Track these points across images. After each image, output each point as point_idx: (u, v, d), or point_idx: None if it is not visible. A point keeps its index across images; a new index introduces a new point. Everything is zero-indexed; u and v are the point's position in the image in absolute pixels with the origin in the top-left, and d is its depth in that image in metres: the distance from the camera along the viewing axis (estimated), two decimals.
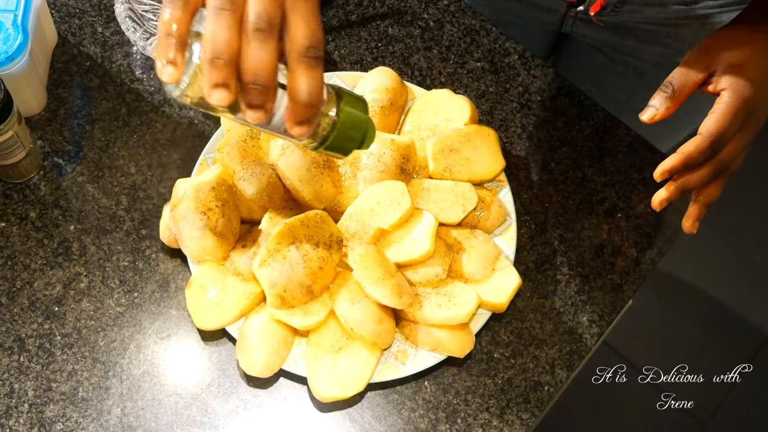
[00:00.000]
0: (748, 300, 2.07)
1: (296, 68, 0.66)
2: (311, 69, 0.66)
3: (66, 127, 1.03)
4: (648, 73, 1.18)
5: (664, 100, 0.85)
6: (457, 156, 1.00)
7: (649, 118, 0.85)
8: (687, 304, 2.06)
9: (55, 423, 0.91)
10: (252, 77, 0.64)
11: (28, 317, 0.95)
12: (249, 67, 0.64)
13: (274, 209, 0.96)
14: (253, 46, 0.64)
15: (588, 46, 1.21)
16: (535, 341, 0.98)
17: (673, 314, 2.05)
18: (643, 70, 1.18)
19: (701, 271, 2.08)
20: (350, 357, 0.92)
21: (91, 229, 0.99)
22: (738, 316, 2.05)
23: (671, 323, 2.04)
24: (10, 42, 0.92)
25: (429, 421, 0.94)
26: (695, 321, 2.04)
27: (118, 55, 1.06)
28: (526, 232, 1.02)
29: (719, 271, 2.08)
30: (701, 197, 0.88)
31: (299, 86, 0.66)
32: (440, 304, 0.93)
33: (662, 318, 2.03)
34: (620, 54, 1.19)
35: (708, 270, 2.08)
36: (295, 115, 0.68)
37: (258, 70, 0.64)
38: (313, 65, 0.67)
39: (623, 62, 1.19)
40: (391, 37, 1.10)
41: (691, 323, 2.04)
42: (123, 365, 0.94)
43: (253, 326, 0.91)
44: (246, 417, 0.93)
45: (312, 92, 0.67)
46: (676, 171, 0.84)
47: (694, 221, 0.89)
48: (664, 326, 2.03)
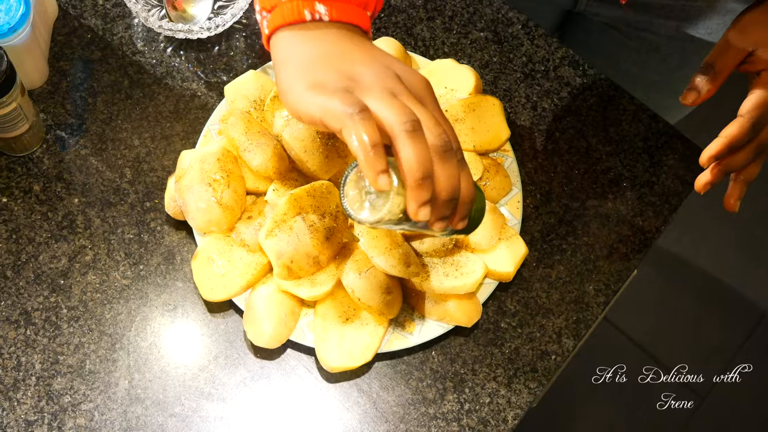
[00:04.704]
0: (746, 274, 2.07)
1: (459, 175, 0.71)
2: (466, 168, 0.71)
3: (68, 100, 1.02)
4: (662, 47, 1.17)
5: (705, 82, 0.84)
6: (462, 125, 0.99)
7: (691, 101, 0.85)
8: (686, 279, 2.06)
9: (62, 396, 0.91)
10: (450, 194, 0.69)
11: (33, 290, 0.94)
12: (447, 187, 0.69)
13: (280, 180, 0.95)
14: (446, 167, 0.68)
15: (601, 23, 1.20)
16: (541, 311, 0.98)
17: (673, 289, 2.05)
18: (657, 44, 1.17)
19: (700, 245, 2.08)
20: (358, 327, 0.92)
21: (95, 202, 0.98)
22: (737, 290, 2.06)
23: (671, 298, 2.04)
24: (12, 13, 0.91)
25: (437, 390, 0.94)
26: (694, 296, 2.05)
27: (120, 27, 1.06)
28: (531, 202, 1.02)
29: (718, 245, 2.08)
30: (741, 176, 0.88)
31: (463, 188, 0.71)
32: (447, 274, 0.93)
33: (662, 293, 2.04)
34: (634, 29, 1.17)
35: (707, 245, 2.08)
36: (461, 213, 0.72)
37: (454, 188, 0.69)
38: (465, 165, 0.71)
39: (637, 37, 1.18)
40: (394, 8, 1.09)
41: (690, 298, 2.04)
42: (130, 338, 0.93)
43: (260, 297, 0.91)
44: (254, 388, 0.93)
45: (471, 189, 0.72)
46: (721, 155, 0.84)
47: (736, 200, 0.89)
48: (663, 301, 2.03)
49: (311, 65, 0.71)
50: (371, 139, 0.66)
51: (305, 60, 0.71)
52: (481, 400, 0.94)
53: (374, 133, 0.67)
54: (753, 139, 0.84)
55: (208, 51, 1.05)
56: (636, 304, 1.98)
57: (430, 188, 0.68)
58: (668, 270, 2.06)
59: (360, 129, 0.66)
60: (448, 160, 0.68)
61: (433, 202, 0.69)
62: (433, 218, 0.70)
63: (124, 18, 1.06)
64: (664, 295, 2.04)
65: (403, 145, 0.67)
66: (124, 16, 1.06)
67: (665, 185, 1.04)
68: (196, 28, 1.00)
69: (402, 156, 0.67)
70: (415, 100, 0.69)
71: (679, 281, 2.06)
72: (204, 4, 1.04)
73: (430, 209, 0.68)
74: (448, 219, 0.71)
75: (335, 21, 0.72)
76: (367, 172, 0.67)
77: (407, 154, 0.67)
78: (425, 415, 0.93)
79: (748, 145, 0.85)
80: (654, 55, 1.18)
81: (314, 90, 0.69)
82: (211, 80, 1.04)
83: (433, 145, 0.68)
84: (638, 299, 1.98)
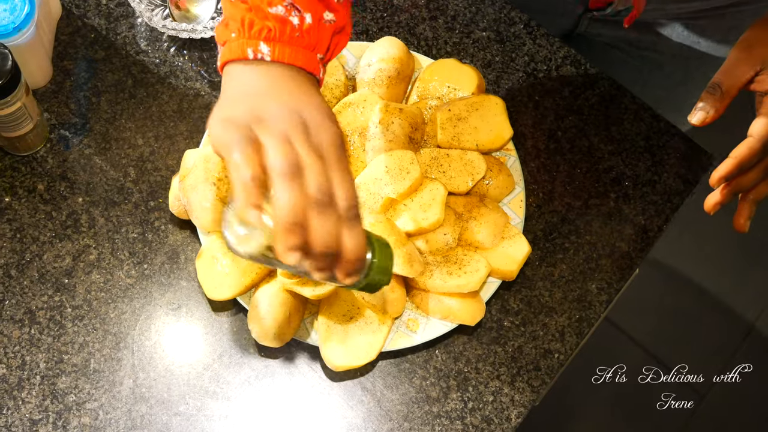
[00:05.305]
0: (746, 274, 2.08)
1: (342, 230, 0.70)
2: (354, 228, 0.71)
3: (72, 100, 1.02)
4: (666, 64, 1.17)
5: (712, 102, 0.84)
6: (465, 125, 1.00)
7: (699, 121, 0.85)
8: (687, 279, 2.07)
9: (67, 395, 0.91)
10: (324, 248, 0.69)
11: (38, 290, 0.94)
12: (320, 239, 0.69)
13: None
14: (322, 220, 0.68)
15: (603, 44, 1.19)
16: (544, 309, 0.98)
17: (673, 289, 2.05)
18: (661, 62, 1.17)
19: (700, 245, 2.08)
20: (362, 326, 0.92)
21: (99, 201, 0.98)
22: (737, 290, 2.06)
23: (671, 298, 2.04)
24: (17, 12, 0.91)
25: (440, 389, 0.94)
26: (695, 296, 2.05)
27: (123, 26, 1.06)
28: (533, 201, 1.03)
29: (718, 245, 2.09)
30: (751, 195, 0.87)
31: (347, 246, 0.70)
32: (451, 272, 0.93)
33: (662, 292, 2.04)
34: (637, 48, 1.17)
35: (707, 244, 2.08)
36: (346, 269, 0.72)
37: (329, 242, 0.69)
38: (356, 224, 0.71)
39: (640, 57, 1.18)
40: (397, 7, 1.10)
41: (690, 298, 2.05)
42: (134, 336, 0.94)
43: (265, 296, 0.91)
44: (258, 387, 0.93)
45: (358, 249, 0.71)
46: (731, 176, 0.84)
47: (746, 220, 0.88)
48: (663, 301, 2.03)
49: (236, 100, 0.72)
50: (250, 172, 0.67)
51: (235, 94, 0.73)
52: (484, 399, 0.94)
53: (254, 167, 0.68)
54: (762, 159, 0.84)
55: (212, 50, 1.05)
56: (636, 303, 1.99)
57: (300, 235, 0.68)
58: (668, 269, 2.07)
59: (242, 161, 0.68)
60: (324, 213, 0.69)
61: (309, 253, 0.69)
62: (311, 268, 0.71)
63: (127, 17, 1.06)
64: (664, 294, 2.04)
65: (277, 188, 0.68)
66: (128, 15, 1.06)
67: (667, 184, 1.05)
68: (200, 28, 1.01)
69: (274, 198, 0.68)
70: (311, 151, 0.70)
71: (680, 281, 2.06)
72: (207, 3, 1.04)
73: (300, 257, 0.69)
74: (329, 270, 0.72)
75: (278, 61, 0.73)
76: (239, 203, 0.68)
77: (278, 197, 0.68)
78: (429, 413, 0.93)
79: (757, 165, 0.84)
80: (658, 73, 1.18)
81: (223, 122, 0.70)
82: (214, 79, 1.04)
83: (310, 196, 0.68)
84: (638, 299, 1.98)
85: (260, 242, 0.71)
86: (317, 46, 0.75)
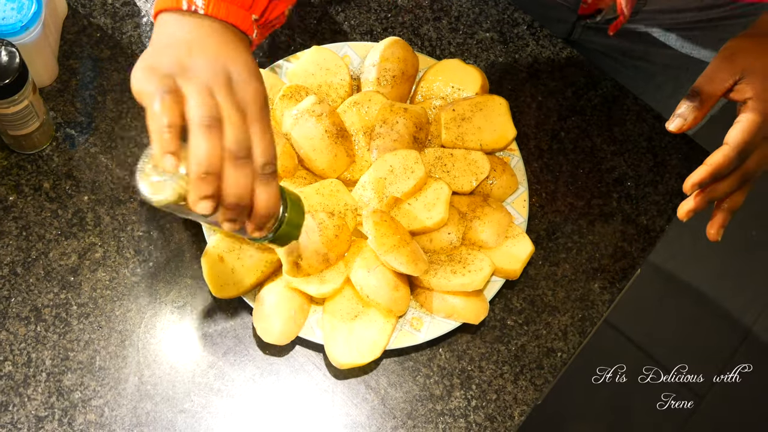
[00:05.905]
0: (745, 275, 2.08)
1: (257, 185, 0.72)
2: (269, 184, 0.72)
3: (78, 98, 1.03)
4: (657, 75, 1.17)
5: (691, 109, 0.84)
6: (468, 125, 1.00)
7: (677, 128, 0.84)
8: (686, 279, 2.07)
9: (73, 392, 0.91)
10: (235, 199, 0.70)
11: (44, 287, 0.95)
12: (232, 191, 0.70)
13: (288, 178, 0.96)
14: (236, 172, 0.70)
15: (597, 51, 1.20)
16: (547, 308, 0.99)
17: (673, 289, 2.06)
18: (653, 72, 1.17)
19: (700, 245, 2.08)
20: (366, 324, 0.92)
21: (105, 199, 0.99)
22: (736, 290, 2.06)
23: (671, 298, 2.05)
24: (24, 11, 0.92)
25: (444, 387, 0.95)
26: (694, 296, 2.05)
27: (129, 26, 1.06)
28: (537, 201, 1.03)
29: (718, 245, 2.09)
30: (725, 204, 0.87)
31: (260, 201, 0.72)
32: (455, 271, 0.94)
33: (662, 293, 2.04)
34: (630, 58, 1.18)
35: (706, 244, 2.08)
36: (256, 223, 0.74)
37: (241, 194, 0.70)
38: (271, 180, 0.72)
39: (633, 66, 1.18)
40: (401, 8, 1.10)
41: (690, 298, 2.05)
42: (139, 334, 0.94)
43: (270, 294, 0.92)
44: (263, 384, 0.93)
45: (270, 205, 0.73)
46: (705, 183, 0.83)
47: (719, 228, 0.88)
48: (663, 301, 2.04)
49: (163, 49, 0.73)
50: (168, 120, 0.68)
51: (163, 43, 0.73)
52: (487, 397, 0.95)
53: (173, 115, 0.68)
54: (738, 167, 0.83)
55: None
56: (636, 303, 1.99)
57: (212, 185, 0.69)
58: (668, 270, 2.07)
59: (160, 109, 0.68)
60: (239, 166, 0.69)
61: (221, 203, 0.70)
62: (222, 218, 0.72)
63: (133, 17, 1.07)
64: (663, 295, 2.05)
65: (194, 137, 0.68)
66: (133, 15, 1.07)
67: (669, 185, 1.05)
68: None
69: (190, 147, 0.69)
70: (232, 105, 0.70)
71: (679, 281, 2.07)
72: None
73: (212, 207, 0.70)
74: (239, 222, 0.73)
75: (211, 16, 0.74)
76: (156, 150, 0.69)
77: (194, 146, 0.68)
78: (432, 411, 0.94)
79: (732, 173, 0.84)
80: (650, 83, 1.18)
81: (145, 70, 0.71)
82: None
83: (226, 147, 0.69)
84: (638, 299, 1.99)
85: (174, 190, 0.71)
86: (253, 6, 0.76)
